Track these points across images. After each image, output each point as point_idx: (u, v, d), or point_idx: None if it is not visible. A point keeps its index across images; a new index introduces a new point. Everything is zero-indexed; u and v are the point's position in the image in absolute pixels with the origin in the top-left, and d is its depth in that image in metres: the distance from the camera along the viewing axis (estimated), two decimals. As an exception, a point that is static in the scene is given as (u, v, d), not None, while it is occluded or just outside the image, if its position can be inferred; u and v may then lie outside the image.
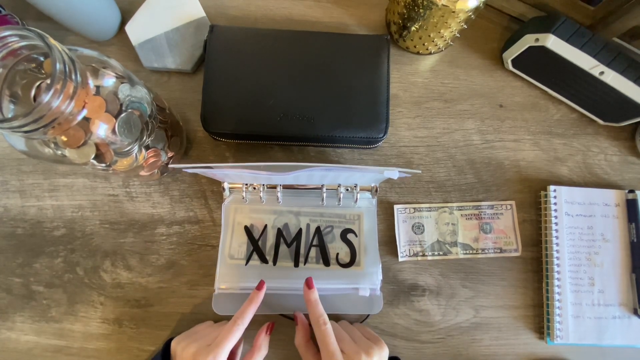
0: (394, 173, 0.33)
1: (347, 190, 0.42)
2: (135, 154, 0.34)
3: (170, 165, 0.33)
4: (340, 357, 0.32)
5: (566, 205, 0.42)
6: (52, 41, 0.24)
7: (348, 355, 0.33)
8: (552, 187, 0.43)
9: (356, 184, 0.42)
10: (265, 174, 0.35)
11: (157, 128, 0.36)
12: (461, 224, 0.43)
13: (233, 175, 0.39)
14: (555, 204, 0.42)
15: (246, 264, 0.41)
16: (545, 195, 0.43)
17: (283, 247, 0.42)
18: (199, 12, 0.45)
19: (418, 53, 0.47)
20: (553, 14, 0.43)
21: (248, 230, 0.42)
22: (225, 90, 0.40)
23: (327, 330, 0.34)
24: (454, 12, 0.37)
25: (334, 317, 0.41)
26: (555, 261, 0.41)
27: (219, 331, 0.34)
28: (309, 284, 0.37)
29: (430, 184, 0.44)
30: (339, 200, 0.41)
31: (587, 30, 0.39)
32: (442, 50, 0.47)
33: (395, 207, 0.43)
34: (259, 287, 0.37)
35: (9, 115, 0.28)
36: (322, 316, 0.35)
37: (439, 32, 0.41)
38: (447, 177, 0.45)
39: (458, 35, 0.43)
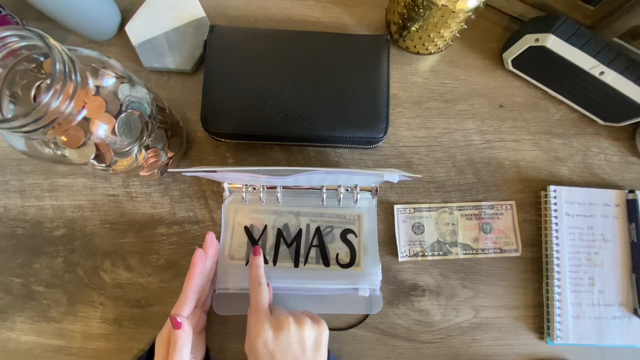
0: (394, 177, 0.33)
1: (347, 190, 0.42)
2: (135, 154, 0.34)
3: (168, 170, 0.33)
4: (266, 315, 0.33)
5: (566, 205, 0.42)
6: (52, 41, 0.24)
7: (276, 316, 0.33)
8: (552, 187, 0.43)
9: (356, 185, 0.42)
10: (264, 178, 0.35)
11: (157, 128, 0.36)
12: (461, 224, 0.43)
13: (232, 177, 0.39)
14: (555, 204, 0.42)
15: (246, 264, 0.41)
16: (545, 195, 0.43)
17: (283, 248, 0.42)
18: (199, 12, 0.45)
19: (418, 53, 0.47)
20: (553, 14, 0.43)
21: (248, 231, 0.42)
22: (225, 90, 0.40)
23: (261, 289, 0.35)
24: (454, 12, 0.37)
25: (334, 317, 0.41)
26: (555, 261, 0.41)
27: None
28: (255, 251, 0.38)
29: (430, 184, 0.44)
30: (339, 200, 0.41)
31: (587, 30, 0.39)
32: (442, 50, 0.47)
33: (395, 207, 0.43)
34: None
35: (9, 115, 0.28)
36: (259, 277, 0.36)
37: (439, 32, 0.41)
38: (447, 177, 0.44)
39: (458, 35, 0.43)
